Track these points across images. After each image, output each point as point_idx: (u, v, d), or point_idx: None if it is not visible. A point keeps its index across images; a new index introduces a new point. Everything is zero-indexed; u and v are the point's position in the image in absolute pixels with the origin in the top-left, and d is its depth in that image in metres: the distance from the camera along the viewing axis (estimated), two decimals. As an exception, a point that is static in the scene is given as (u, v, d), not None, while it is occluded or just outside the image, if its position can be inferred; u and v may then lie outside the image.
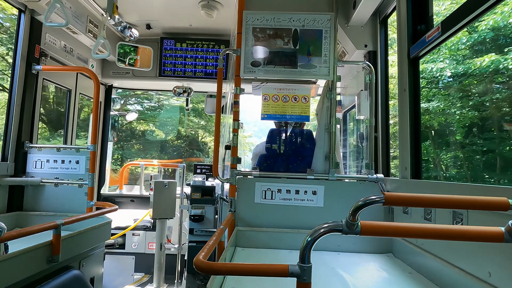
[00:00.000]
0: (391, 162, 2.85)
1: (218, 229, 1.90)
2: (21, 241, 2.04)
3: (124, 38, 4.22)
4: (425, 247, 1.89)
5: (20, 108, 3.00)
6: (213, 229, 3.84)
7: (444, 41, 1.99)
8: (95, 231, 2.76)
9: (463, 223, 1.56)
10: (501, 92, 5.45)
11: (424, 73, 6.38)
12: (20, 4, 2.91)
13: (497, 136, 5.47)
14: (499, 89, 5.48)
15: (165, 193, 3.77)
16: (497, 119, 5.43)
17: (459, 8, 1.79)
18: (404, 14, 2.37)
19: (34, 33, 3.07)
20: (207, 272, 1.13)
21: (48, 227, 2.05)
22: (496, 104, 5.39)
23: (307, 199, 2.51)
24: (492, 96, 5.51)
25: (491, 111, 5.49)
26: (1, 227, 1.72)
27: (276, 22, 2.64)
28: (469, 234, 0.99)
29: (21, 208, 3.12)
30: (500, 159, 5.29)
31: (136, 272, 4.33)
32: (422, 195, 1.05)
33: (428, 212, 1.89)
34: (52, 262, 2.10)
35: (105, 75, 4.60)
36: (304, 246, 1.01)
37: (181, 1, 3.64)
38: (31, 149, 3.15)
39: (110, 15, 3.04)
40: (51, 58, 3.37)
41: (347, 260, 2.19)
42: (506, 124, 5.27)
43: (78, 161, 3.21)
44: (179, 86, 4.58)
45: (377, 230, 1.01)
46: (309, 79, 4.01)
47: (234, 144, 2.59)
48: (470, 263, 1.49)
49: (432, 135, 7.06)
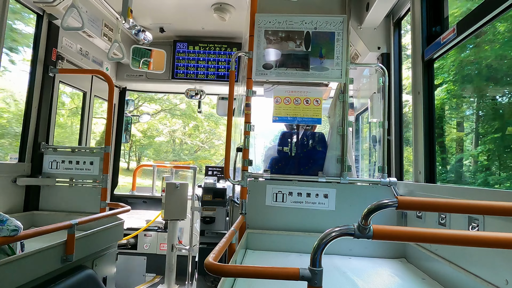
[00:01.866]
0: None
1: (229, 231, 1.90)
2: (37, 240, 2.09)
3: (138, 41, 4.29)
4: (440, 252, 1.85)
5: (37, 110, 3.08)
6: (224, 231, 3.85)
7: (460, 42, 1.95)
8: (108, 232, 2.80)
9: (479, 228, 1.52)
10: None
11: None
12: (38, 9, 2.99)
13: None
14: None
15: (177, 195, 3.79)
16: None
17: (475, 8, 1.75)
18: (419, 16, 2.33)
19: (51, 37, 3.14)
20: (217, 274, 1.13)
21: (63, 227, 2.09)
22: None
23: (318, 202, 2.49)
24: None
25: None
26: (18, 226, 1.76)
27: (288, 25, 2.64)
28: (485, 240, 0.96)
29: (37, 207, 3.19)
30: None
31: (147, 272, 4.37)
32: (437, 200, 1.03)
33: (443, 217, 1.85)
34: (66, 261, 2.14)
35: (119, 78, 4.67)
36: (315, 250, 1.00)
37: (194, 4, 3.68)
38: (47, 150, 3.23)
39: (125, 19, 3.10)
40: (67, 61, 3.45)
41: (359, 264, 2.16)
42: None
43: (92, 162, 3.26)
44: (191, 89, 4.62)
45: (390, 234, 0.99)
46: (321, 82, 3.99)
47: (245, 146, 2.60)
48: (487, 270, 1.45)
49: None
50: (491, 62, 3.15)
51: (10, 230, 1.72)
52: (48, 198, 3.22)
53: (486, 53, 3.12)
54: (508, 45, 2.82)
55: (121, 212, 2.98)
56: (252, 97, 2.62)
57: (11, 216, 1.80)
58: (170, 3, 3.66)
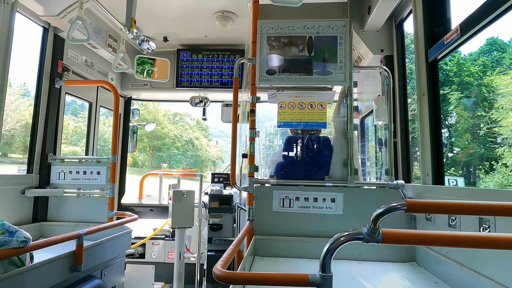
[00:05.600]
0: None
1: (237, 238, 1.89)
2: (45, 251, 2.10)
3: (142, 51, 4.34)
4: (451, 255, 1.82)
5: (45, 121, 3.11)
6: (232, 238, 3.84)
7: (464, 43, 1.94)
8: (116, 241, 2.81)
9: (491, 230, 1.49)
10: None
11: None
12: (44, 22, 3.04)
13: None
14: None
15: (184, 202, 3.80)
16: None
17: (478, 9, 1.75)
18: (421, 17, 2.33)
19: (57, 49, 3.19)
20: (226, 281, 1.12)
21: (71, 237, 2.10)
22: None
23: (326, 206, 2.47)
24: None
25: None
26: (27, 237, 1.77)
27: (291, 30, 2.65)
28: (497, 242, 0.95)
29: (45, 218, 3.21)
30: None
31: (156, 281, 4.36)
32: (446, 201, 1.02)
33: (453, 219, 1.83)
34: (75, 271, 2.14)
35: (124, 88, 4.72)
36: (324, 255, 0.99)
37: (197, 13, 3.72)
38: (55, 161, 3.25)
39: (129, 29, 3.14)
40: (73, 72, 3.49)
41: (368, 269, 2.14)
42: None
43: (99, 172, 3.29)
44: (195, 96, 4.65)
45: (400, 238, 0.98)
46: (325, 86, 3.99)
47: (251, 152, 2.60)
48: (500, 272, 1.43)
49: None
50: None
51: (20, 242, 1.73)
52: (56, 209, 3.24)
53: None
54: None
55: (129, 221, 2.99)
56: (256, 103, 2.63)
57: (20, 228, 1.82)
58: (173, 12, 3.71)
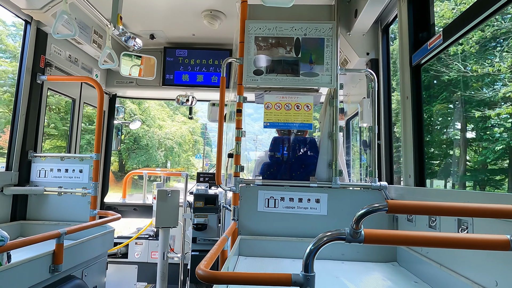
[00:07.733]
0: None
1: (221, 238, 1.89)
2: (24, 250, 2.04)
3: (128, 48, 4.27)
4: (430, 255, 1.87)
5: (25, 117, 3.03)
6: (216, 238, 3.82)
7: (446, 48, 1.99)
8: (98, 240, 2.76)
9: (469, 231, 1.54)
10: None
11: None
12: (26, 15, 2.96)
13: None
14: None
15: (168, 202, 3.76)
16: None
17: (460, 15, 1.80)
18: (406, 22, 2.38)
19: (39, 43, 3.11)
20: (209, 281, 1.12)
21: (51, 236, 2.05)
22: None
23: (310, 207, 2.49)
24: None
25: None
26: (4, 236, 1.72)
27: (278, 31, 2.66)
28: (474, 243, 0.98)
29: (25, 217, 3.12)
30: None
31: (138, 281, 4.30)
32: (427, 203, 1.04)
33: (433, 220, 1.87)
34: (55, 271, 2.09)
35: (109, 85, 4.64)
36: (307, 255, 1.00)
37: (184, 11, 3.69)
38: (35, 158, 3.17)
39: (114, 26, 3.08)
40: (56, 68, 3.41)
41: (351, 268, 2.17)
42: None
43: (82, 170, 3.22)
44: (182, 95, 4.60)
45: (381, 238, 1.00)
46: (312, 87, 4.02)
47: (237, 152, 2.59)
48: (477, 272, 1.47)
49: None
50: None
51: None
52: (36, 208, 3.15)
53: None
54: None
55: (111, 221, 2.94)
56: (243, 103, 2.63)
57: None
58: (161, 10, 3.66)
